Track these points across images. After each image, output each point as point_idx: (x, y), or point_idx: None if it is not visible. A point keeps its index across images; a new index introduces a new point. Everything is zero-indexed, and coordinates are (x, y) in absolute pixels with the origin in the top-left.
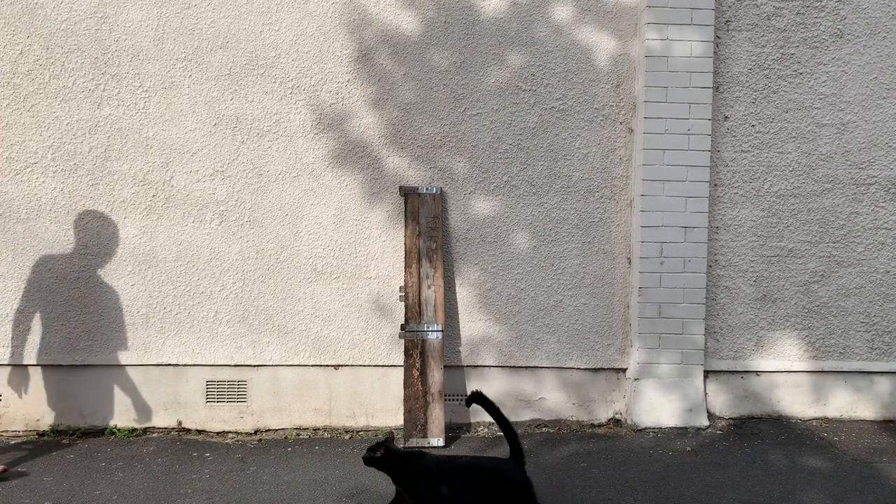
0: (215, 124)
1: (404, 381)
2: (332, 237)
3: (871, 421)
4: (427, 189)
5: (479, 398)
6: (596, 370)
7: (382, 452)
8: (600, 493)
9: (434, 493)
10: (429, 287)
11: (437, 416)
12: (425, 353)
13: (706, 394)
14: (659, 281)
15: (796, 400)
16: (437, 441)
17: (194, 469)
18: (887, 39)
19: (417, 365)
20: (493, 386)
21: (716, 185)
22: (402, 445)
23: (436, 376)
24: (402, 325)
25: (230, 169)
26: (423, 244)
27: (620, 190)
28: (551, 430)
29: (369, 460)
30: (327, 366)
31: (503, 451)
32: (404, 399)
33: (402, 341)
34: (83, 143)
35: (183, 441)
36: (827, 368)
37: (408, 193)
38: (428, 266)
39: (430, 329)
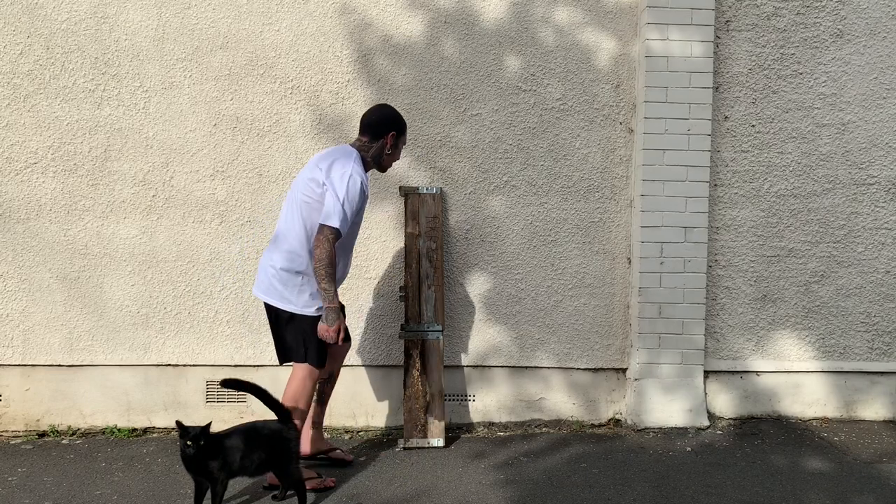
0: (215, 124)
1: (404, 381)
2: None
3: (872, 421)
4: (427, 189)
5: (232, 383)
6: (596, 370)
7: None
8: (600, 493)
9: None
10: (429, 287)
11: (436, 417)
12: (425, 353)
13: (706, 394)
14: (659, 281)
15: (796, 400)
16: (437, 441)
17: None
18: (887, 39)
19: (417, 365)
20: (493, 386)
21: (716, 185)
22: (402, 446)
23: (435, 377)
24: (402, 325)
25: (230, 169)
26: (423, 244)
27: (620, 190)
28: (551, 430)
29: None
30: None
31: (505, 452)
32: (404, 399)
33: (402, 341)
34: (83, 143)
35: None
36: (827, 369)
37: (408, 193)
38: (428, 266)
39: (430, 329)
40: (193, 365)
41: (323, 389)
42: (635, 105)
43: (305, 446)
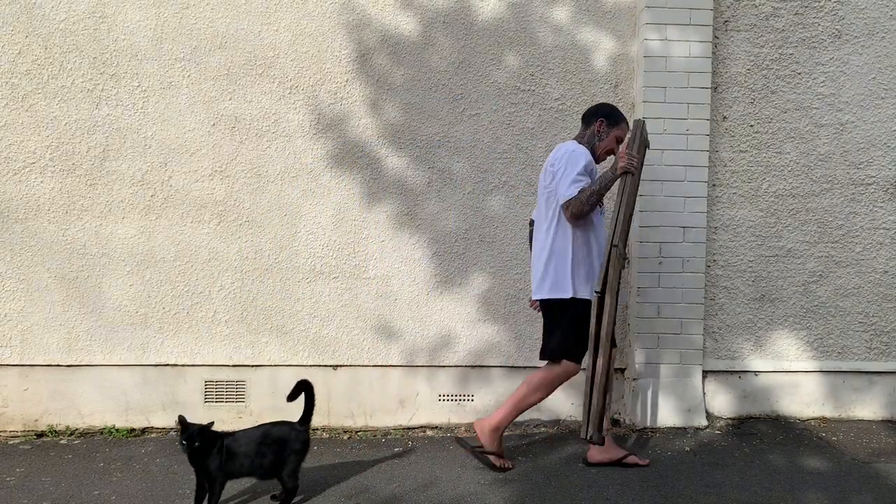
0: (214, 124)
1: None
2: (330, 237)
3: (870, 421)
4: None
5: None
6: None
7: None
8: (599, 493)
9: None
10: None
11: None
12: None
13: (705, 394)
14: (657, 281)
15: (795, 400)
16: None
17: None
18: (885, 39)
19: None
20: (492, 386)
21: (714, 185)
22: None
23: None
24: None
25: (229, 169)
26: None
27: None
28: (550, 430)
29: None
30: (326, 366)
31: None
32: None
33: (402, 341)
34: (81, 142)
35: None
36: (825, 368)
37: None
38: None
39: None
40: (192, 365)
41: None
42: (634, 105)
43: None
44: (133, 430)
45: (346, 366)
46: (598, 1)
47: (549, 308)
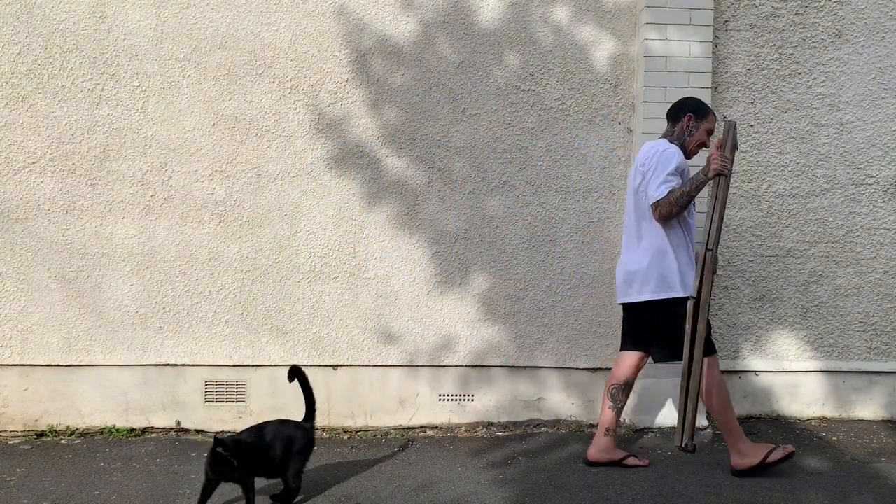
0: (214, 124)
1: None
2: (330, 237)
3: (870, 421)
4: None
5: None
6: (595, 370)
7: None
8: (599, 493)
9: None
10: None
11: None
12: None
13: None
14: None
15: (795, 400)
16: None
17: (193, 469)
18: (886, 39)
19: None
20: (492, 386)
21: None
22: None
23: None
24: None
25: (229, 169)
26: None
27: (619, 190)
28: (550, 430)
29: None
30: (326, 366)
31: (504, 451)
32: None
33: (402, 341)
34: (81, 142)
35: (182, 441)
36: (825, 368)
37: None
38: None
39: None
40: (192, 365)
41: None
42: (634, 105)
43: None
44: (133, 430)
45: (347, 366)
46: (598, 1)
47: (653, 309)
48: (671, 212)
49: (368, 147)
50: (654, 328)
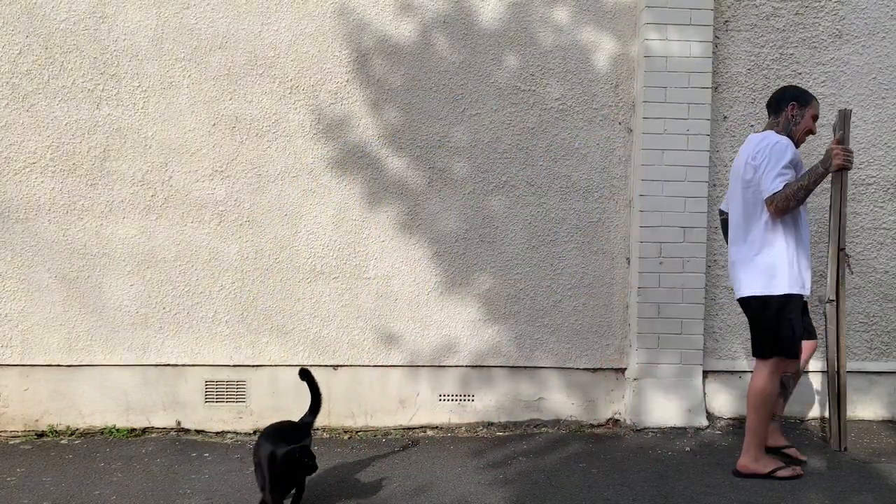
0: (214, 124)
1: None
2: (331, 237)
3: (870, 421)
4: None
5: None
6: (595, 370)
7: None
8: (599, 493)
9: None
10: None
11: None
12: None
13: (705, 394)
14: (658, 281)
15: (795, 400)
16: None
17: (193, 469)
18: (886, 40)
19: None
20: (492, 386)
21: (715, 185)
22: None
23: None
24: None
25: (229, 169)
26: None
27: (619, 190)
28: (550, 430)
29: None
30: (326, 366)
31: (504, 452)
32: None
33: (402, 341)
34: (82, 142)
35: (182, 441)
36: (825, 368)
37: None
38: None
39: None
40: (192, 365)
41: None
42: (634, 105)
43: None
44: (133, 429)
45: (347, 366)
46: (598, 1)
47: (759, 305)
48: (787, 206)
49: (369, 147)
50: (753, 322)
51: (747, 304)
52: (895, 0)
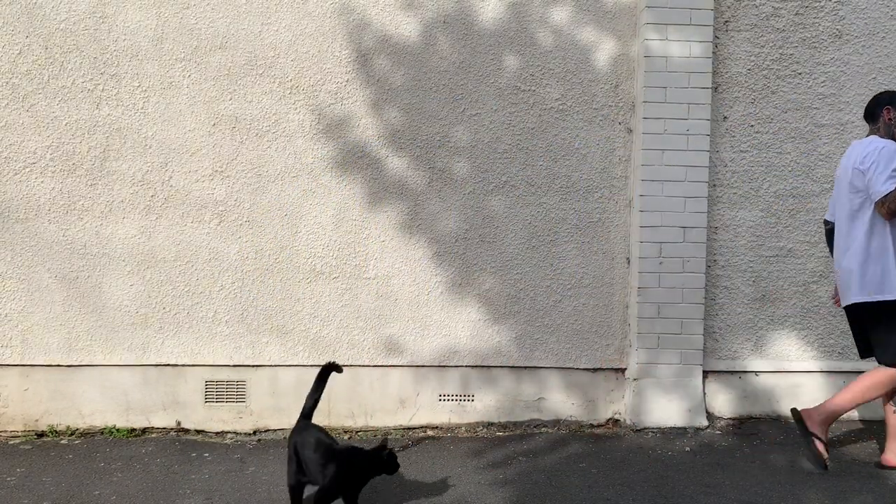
0: (214, 124)
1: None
2: (331, 237)
3: (870, 421)
4: None
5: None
6: (595, 370)
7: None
8: (599, 493)
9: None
10: None
11: None
12: None
13: (705, 394)
14: (658, 281)
15: (795, 400)
16: None
17: (193, 469)
18: (886, 40)
19: None
20: (492, 386)
21: (714, 185)
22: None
23: None
24: None
25: (229, 169)
26: None
27: (619, 190)
28: (550, 430)
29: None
30: None
31: (505, 452)
32: None
33: (402, 341)
34: (82, 143)
35: (182, 441)
36: (826, 369)
37: None
38: None
39: None
40: (192, 365)
41: None
42: (634, 105)
43: None
44: (133, 429)
45: (347, 366)
46: (598, 1)
47: (874, 311)
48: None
49: (369, 147)
50: (869, 331)
51: (858, 311)
52: (895, 0)
